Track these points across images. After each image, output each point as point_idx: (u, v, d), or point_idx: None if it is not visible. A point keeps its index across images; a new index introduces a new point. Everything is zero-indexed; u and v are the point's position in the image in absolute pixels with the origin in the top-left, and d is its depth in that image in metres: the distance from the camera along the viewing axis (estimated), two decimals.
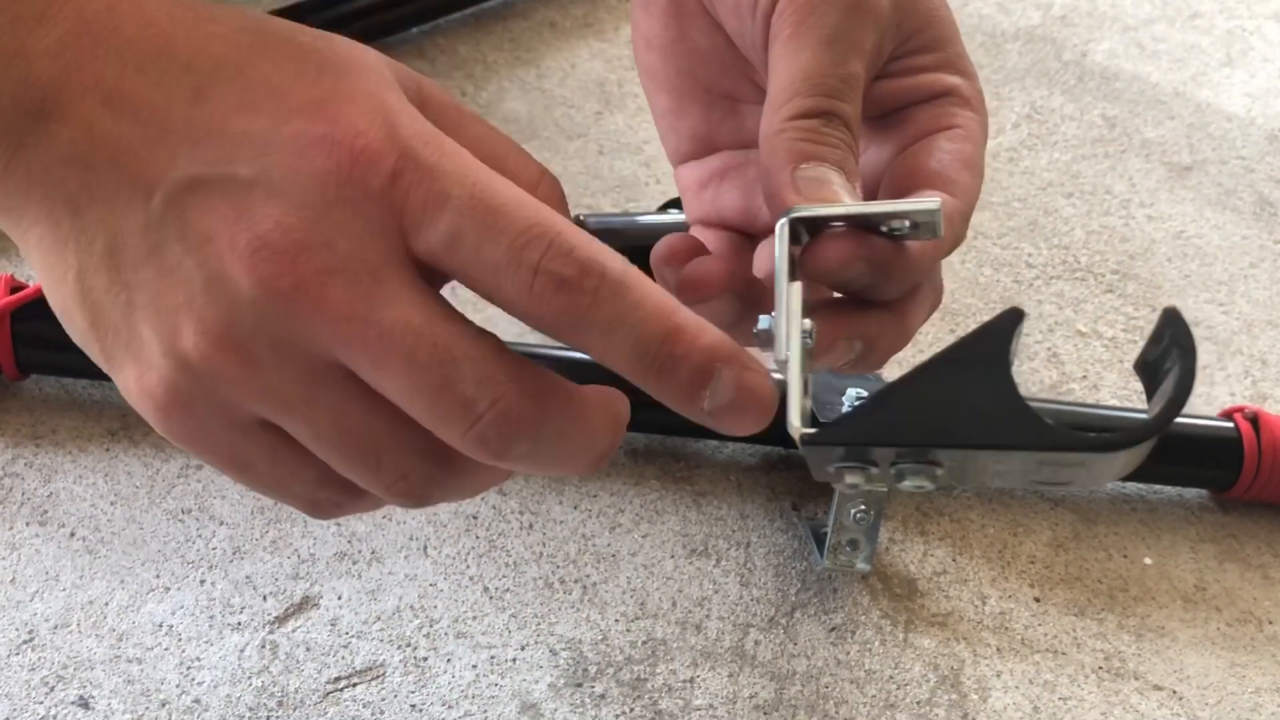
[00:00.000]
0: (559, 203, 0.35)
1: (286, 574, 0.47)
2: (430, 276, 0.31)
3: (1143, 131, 0.77)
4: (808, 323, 0.36)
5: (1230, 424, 0.55)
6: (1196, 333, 0.64)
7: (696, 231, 0.41)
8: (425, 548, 0.48)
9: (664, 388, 0.31)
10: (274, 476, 0.31)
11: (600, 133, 0.69)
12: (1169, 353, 0.32)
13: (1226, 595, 0.53)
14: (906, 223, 0.34)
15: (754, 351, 0.35)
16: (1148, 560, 0.53)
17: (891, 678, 0.47)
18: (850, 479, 0.37)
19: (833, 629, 0.48)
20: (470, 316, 0.30)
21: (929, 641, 0.48)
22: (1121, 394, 0.60)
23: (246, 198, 0.29)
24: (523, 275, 0.30)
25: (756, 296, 0.39)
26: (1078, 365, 0.61)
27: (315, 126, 0.29)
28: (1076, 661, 0.49)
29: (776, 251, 0.35)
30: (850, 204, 0.35)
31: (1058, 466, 0.34)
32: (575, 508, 0.51)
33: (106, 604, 0.45)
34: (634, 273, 0.30)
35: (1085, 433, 0.31)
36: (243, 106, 0.29)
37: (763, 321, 0.39)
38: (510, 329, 0.35)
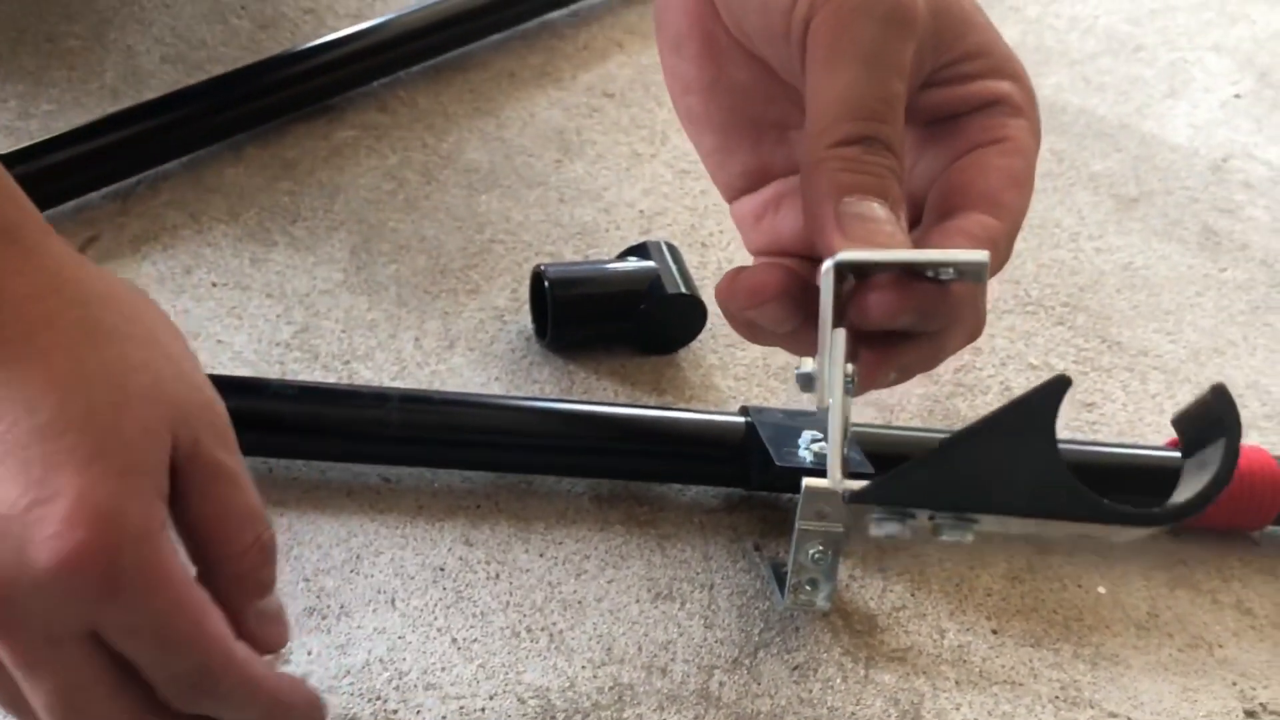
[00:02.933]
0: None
1: None
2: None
3: (1090, 164, 0.79)
4: (849, 368, 0.36)
5: (1178, 454, 0.56)
6: (1145, 363, 0.66)
7: (778, 263, 0.41)
8: (393, 600, 0.49)
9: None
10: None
11: (560, 181, 0.70)
12: (1214, 429, 0.33)
13: (1178, 621, 0.54)
14: (953, 271, 0.35)
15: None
16: (1101, 589, 0.55)
17: (853, 714, 0.48)
18: (887, 529, 0.37)
19: (795, 668, 0.49)
20: None
21: (889, 677, 0.49)
22: (1073, 425, 0.62)
23: None
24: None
25: (815, 303, 0.38)
26: None
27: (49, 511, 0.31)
28: (1034, 692, 0.50)
29: (822, 298, 0.35)
30: (897, 252, 0.35)
31: (1094, 531, 0.35)
32: (541, 555, 0.52)
33: None
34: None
35: (1127, 506, 0.31)
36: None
37: (805, 365, 0.39)
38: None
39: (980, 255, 0.33)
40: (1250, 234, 0.77)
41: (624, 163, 0.72)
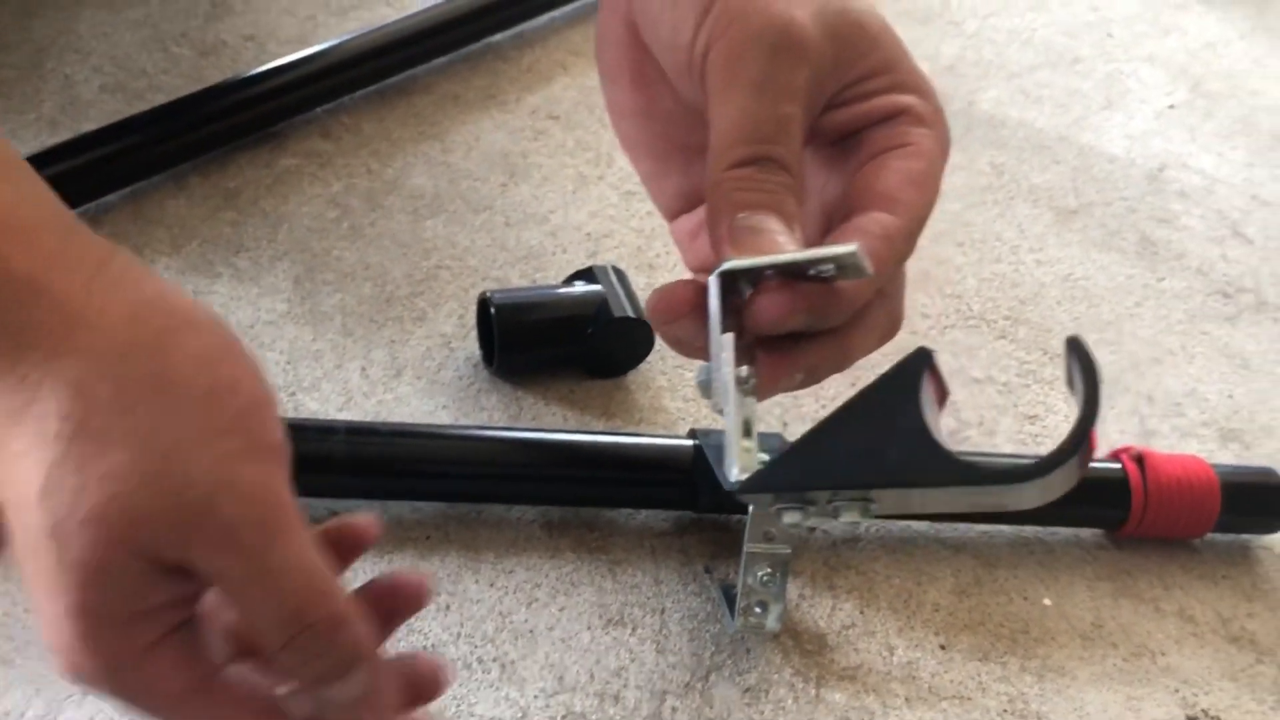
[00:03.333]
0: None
1: None
2: None
3: (1030, 177, 0.81)
4: (744, 370, 0.37)
5: (1118, 465, 0.57)
6: None
7: (694, 280, 0.42)
8: None
9: (300, 661, 0.33)
10: None
11: (506, 204, 0.70)
12: (1074, 379, 0.34)
13: (1122, 631, 0.55)
14: (832, 266, 0.36)
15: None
16: (1047, 601, 0.56)
17: None
18: (789, 518, 0.38)
19: (747, 690, 0.50)
20: None
21: (840, 696, 0.50)
22: (1017, 438, 0.63)
23: None
24: None
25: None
26: (974, 412, 0.63)
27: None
28: (982, 706, 0.51)
29: (710, 306, 0.36)
30: (773, 256, 0.36)
31: (982, 496, 0.36)
32: (492, 585, 0.52)
33: (23, 714, 0.45)
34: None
35: (994, 464, 0.32)
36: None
37: (700, 372, 0.40)
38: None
39: (848, 248, 0.34)
40: (1186, 243, 0.78)
41: (570, 185, 0.72)
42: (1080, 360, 0.31)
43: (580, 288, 0.62)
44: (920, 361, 0.33)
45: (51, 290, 0.32)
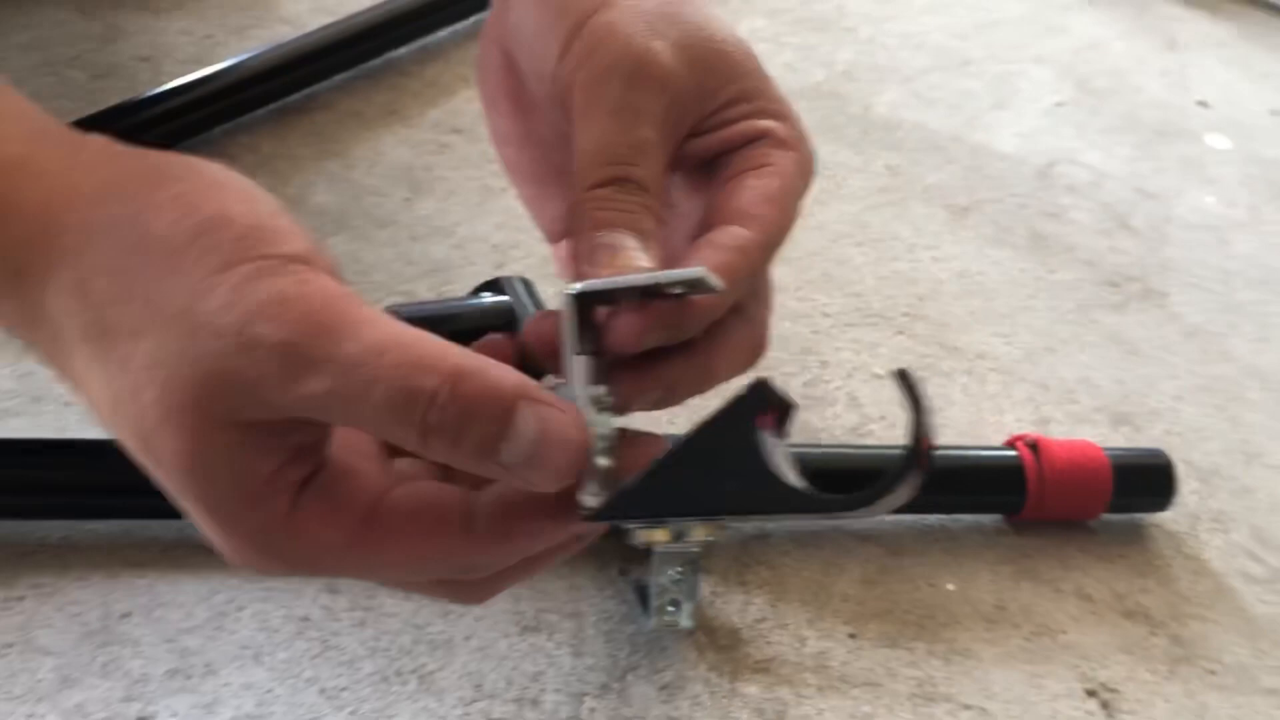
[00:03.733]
0: None
1: (118, 697, 0.47)
2: None
3: (924, 177, 0.83)
4: (600, 389, 0.37)
5: (1014, 453, 0.59)
6: (983, 365, 0.70)
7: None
8: (259, 655, 0.48)
9: (449, 443, 0.31)
10: None
11: (411, 219, 0.70)
12: (905, 407, 0.35)
13: (1023, 612, 0.57)
14: (681, 289, 0.37)
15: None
16: (951, 586, 0.57)
17: None
18: (643, 536, 0.39)
19: (663, 687, 0.51)
20: None
21: (754, 688, 0.51)
22: None
23: None
24: None
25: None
26: (876, 407, 0.65)
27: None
28: (892, 691, 0.52)
29: (563, 327, 0.37)
30: (622, 277, 0.36)
31: (823, 518, 0.37)
32: (407, 598, 0.52)
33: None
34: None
35: (826, 494, 0.33)
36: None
37: (559, 390, 0.40)
38: None
39: (696, 270, 0.35)
40: (1075, 236, 0.81)
41: (475, 198, 0.73)
42: (908, 390, 0.32)
43: (488, 299, 0.62)
44: (756, 392, 0.34)
45: (25, 207, 0.31)
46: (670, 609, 0.51)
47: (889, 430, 0.64)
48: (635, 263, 0.36)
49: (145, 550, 0.52)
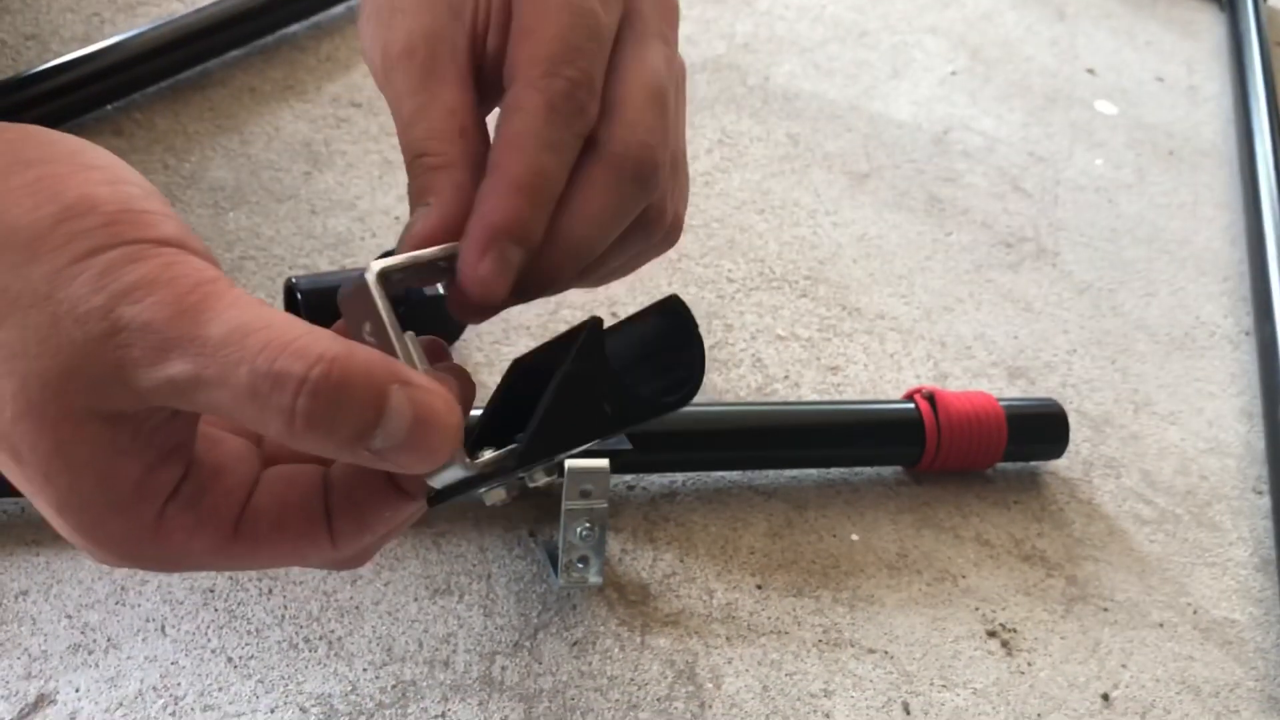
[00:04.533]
0: None
1: (18, 675, 0.46)
2: None
3: (824, 145, 0.84)
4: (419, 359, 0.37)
5: (912, 405, 0.61)
6: (882, 325, 0.71)
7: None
8: (163, 627, 0.48)
9: (323, 431, 0.29)
10: None
11: (311, 193, 0.70)
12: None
13: (925, 559, 0.59)
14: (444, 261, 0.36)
15: None
16: (854, 536, 0.59)
17: (632, 680, 0.50)
18: (491, 499, 0.38)
19: (574, 643, 0.51)
20: None
21: (664, 641, 0.52)
22: (820, 388, 0.66)
23: None
24: None
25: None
26: (779, 367, 0.66)
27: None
28: (799, 639, 0.53)
29: (380, 309, 0.34)
30: (412, 254, 0.35)
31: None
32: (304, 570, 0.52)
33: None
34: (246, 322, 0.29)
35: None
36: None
37: None
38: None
39: (450, 247, 0.35)
40: (971, 199, 0.83)
41: (376, 171, 0.72)
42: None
43: None
44: (592, 322, 0.35)
45: None
46: (579, 565, 0.52)
47: (792, 389, 0.65)
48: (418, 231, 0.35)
49: (42, 528, 0.51)
